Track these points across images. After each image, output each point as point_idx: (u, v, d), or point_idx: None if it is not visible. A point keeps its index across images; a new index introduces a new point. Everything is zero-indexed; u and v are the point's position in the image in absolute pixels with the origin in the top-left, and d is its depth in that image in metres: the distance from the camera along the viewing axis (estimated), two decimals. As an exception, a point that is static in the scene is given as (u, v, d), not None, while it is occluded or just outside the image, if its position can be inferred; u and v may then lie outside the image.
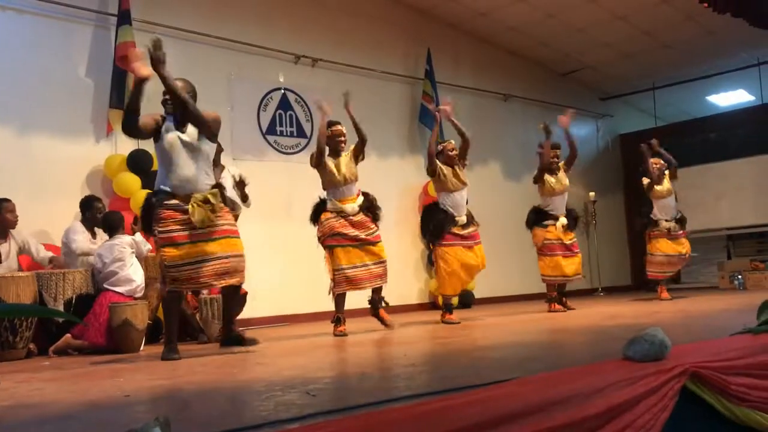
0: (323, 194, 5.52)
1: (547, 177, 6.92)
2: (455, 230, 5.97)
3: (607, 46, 9.92)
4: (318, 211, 5.40)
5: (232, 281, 4.27)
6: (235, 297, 4.47)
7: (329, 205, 5.37)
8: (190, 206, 4.10)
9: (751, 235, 10.57)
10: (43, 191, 5.89)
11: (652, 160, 7.93)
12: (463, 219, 6.03)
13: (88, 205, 5.62)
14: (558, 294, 6.94)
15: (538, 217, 6.95)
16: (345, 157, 5.45)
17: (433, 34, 9.12)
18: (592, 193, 10.64)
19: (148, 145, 6.38)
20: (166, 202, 4.13)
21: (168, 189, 4.16)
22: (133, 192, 6.07)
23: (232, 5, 7.36)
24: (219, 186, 4.41)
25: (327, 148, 5.43)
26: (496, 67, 10.03)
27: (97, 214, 5.60)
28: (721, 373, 2.50)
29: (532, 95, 10.48)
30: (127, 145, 6.34)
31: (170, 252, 4.09)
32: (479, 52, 9.80)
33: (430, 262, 8.73)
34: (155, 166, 6.25)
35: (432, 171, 6.09)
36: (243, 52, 7.35)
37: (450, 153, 6.15)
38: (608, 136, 12.11)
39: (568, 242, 6.90)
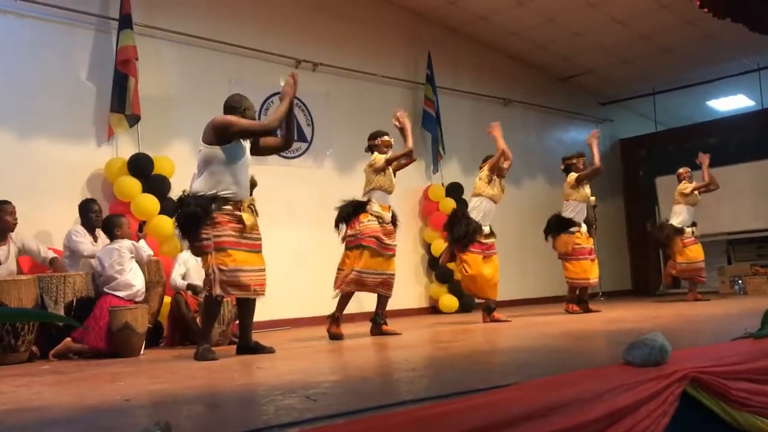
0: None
1: (581, 186, 7.20)
2: (480, 239, 6.28)
3: (606, 51, 9.93)
4: (357, 210, 5.44)
5: (261, 294, 4.46)
6: (253, 308, 4.56)
7: (373, 207, 5.44)
8: (243, 213, 4.30)
9: (752, 240, 10.57)
10: (44, 195, 5.89)
11: (681, 171, 8.15)
12: (487, 229, 6.35)
13: (85, 208, 5.62)
14: (581, 299, 7.19)
15: (562, 225, 7.12)
16: (390, 168, 5.62)
17: (434, 38, 9.13)
18: (592, 198, 10.62)
19: (149, 149, 6.41)
20: (223, 207, 4.27)
21: (228, 195, 4.30)
22: (133, 196, 6.07)
23: (233, 10, 7.37)
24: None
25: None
26: (496, 72, 10.04)
27: (94, 216, 5.60)
28: (722, 378, 2.50)
29: (532, 100, 10.48)
30: (127, 149, 6.35)
31: (227, 257, 4.23)
32: (479, 57, 9.81)
33: (431, 267, 8.74)
34: (156, 169, 6.29)
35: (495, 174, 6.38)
36: (244, 56, 7.36)
37: (504, 165, 6.45)
38: (608, 140, 12.11)
39: (590, 247, 7.20)
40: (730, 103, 11.99)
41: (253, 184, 5.77)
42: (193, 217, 4.22)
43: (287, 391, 2.66)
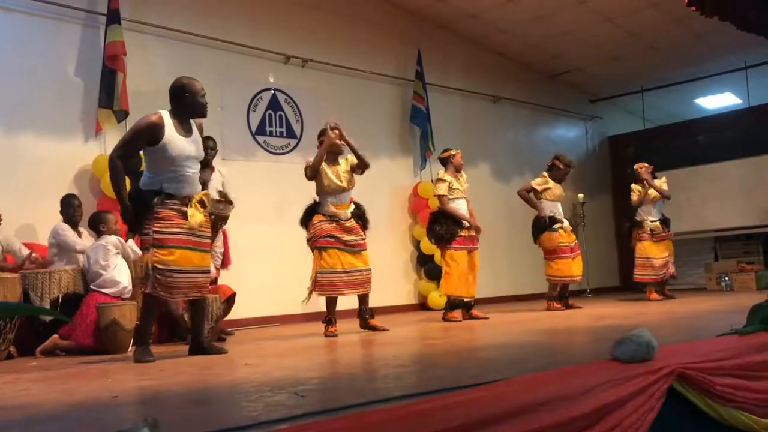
0: (313, 196, 5.58)
1: (555, 185, 7.25)
2: (462, 233, 6.33)
3: (596, 49, 9.97)
4: (310, 213, 5.45)
5: (204, 294, 4.33)
6: (203, 308, 4.44)
7: (324, 209, 5.42)
8: (189, 209, 4.08)
9: (738, 237, 10.65)
10: (31, 190, 5.85)
11: (636, 166, 8.23)
12: (466, 222, 6.42)
13: (66, 204, 5.57)
14: (562, 296, 7.23)
15: (543, 224, 7.19)
16: (344, 164, 5.50)
17: (423, 35, 9.13)
18: (580, 195, 10.69)
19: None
20: (167, 202, 4.07)
21: (170, 191, 4.09)
22: (121, 192, 6.02)
23: (221, 5, 7.33)
24: (205, 187, 4.43)
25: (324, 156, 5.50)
26: (486, 69, 10.05)
27: (75, 212, 5.55)
28: (707, 374, 2.52)
29: (522, 97, 10.51)
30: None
31: (164, 255, 4.03)
32: (469, 54, 9.82)
33: (420, 263, 8.75)
34: (144, 166, 6.24)
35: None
36: (233, 52, 7.33)
37: (458, 162, 6.58)
38: (597, 138, 12.17)
39: (572, 244, 7.25)
40: (718, 101, 12.07)
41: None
42: (134, 213, 4.08)
43: (276, 387, 2.66)
